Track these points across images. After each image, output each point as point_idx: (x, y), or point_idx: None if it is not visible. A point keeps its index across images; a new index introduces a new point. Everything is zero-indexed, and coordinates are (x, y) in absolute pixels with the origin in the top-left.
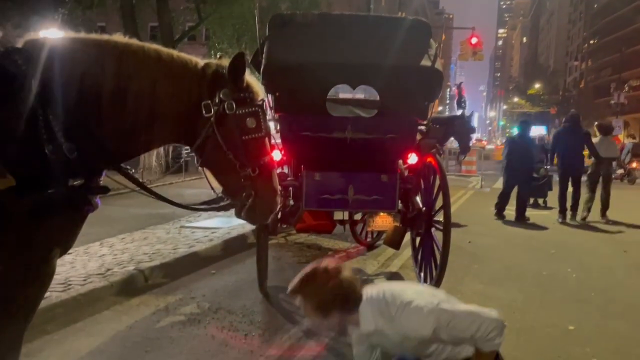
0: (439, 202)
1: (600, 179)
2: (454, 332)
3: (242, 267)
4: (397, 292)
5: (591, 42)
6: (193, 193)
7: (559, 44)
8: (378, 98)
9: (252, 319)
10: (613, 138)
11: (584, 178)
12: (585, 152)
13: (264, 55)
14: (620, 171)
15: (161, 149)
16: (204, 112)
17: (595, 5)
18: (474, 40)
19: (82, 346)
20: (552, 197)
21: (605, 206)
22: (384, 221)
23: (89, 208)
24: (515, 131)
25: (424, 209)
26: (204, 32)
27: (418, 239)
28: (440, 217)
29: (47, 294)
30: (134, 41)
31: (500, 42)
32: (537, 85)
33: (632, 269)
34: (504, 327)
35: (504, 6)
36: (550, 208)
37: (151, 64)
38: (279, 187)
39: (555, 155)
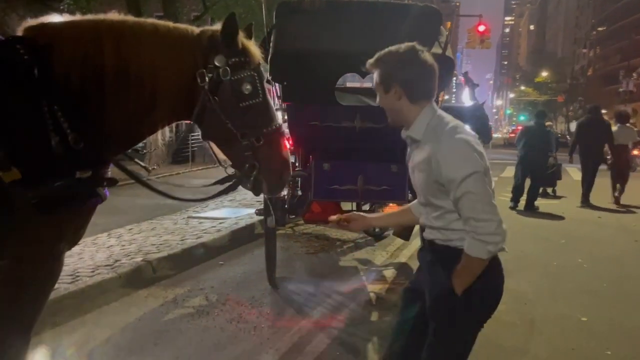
0: None
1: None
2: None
3: (250, 257)
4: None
5: (599, 29)
6: (200, 183)
7: (566, 32)
8: None
9: (261, 310)
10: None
11: (603, 166)
12: None
13: (271, 44)
14: None
15: (166, 129)
16: (199, 81)
17: None
18: (481, 28)
19: (91, 338)
20: (561, 186)
21: (621, 192)
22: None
23: (97, 200)
24: (528, 121)
25: None
26: (210, 22)
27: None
28: None
29: (56, 285)
30: (130, 18)
31: (507, 30)
32: (544, 74)
33: None
34: (501, 242)
35: None
36: (559, 197)
37: (148, 39)
38: (289, 157)
39: (576, 145)
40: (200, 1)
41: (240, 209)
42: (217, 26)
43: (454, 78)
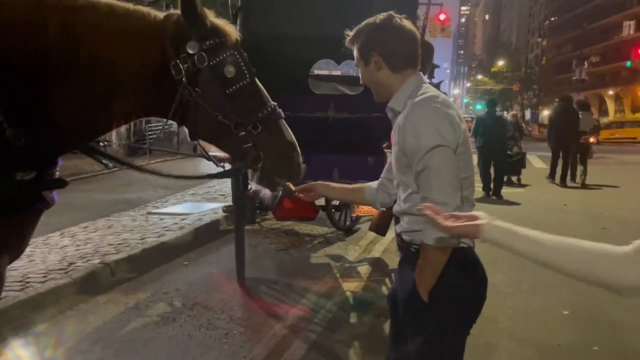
0: None
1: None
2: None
3: (217, 256)
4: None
5: (552, 19)
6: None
7: (520, 21)
8: None
9: (232, 314)
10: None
11: None
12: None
13: (237, 27)
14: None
15: (122, 128)
16: (173, 73)
17: None
18: (442, 17)
19: (44, 352)
20: (524, 174)
21: (585, 173)
22: (369, 206)
23: (43, 205)
24: (480, 109)
25: None
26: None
27: None
28: None
29: (3, 294)
30: None
31: (463, 20)
32: (500, 63)
33: None
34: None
35: None
36: (524, 186)
37: (102, 21)
38: (293, 139)
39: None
40: None
41: (203, 204)
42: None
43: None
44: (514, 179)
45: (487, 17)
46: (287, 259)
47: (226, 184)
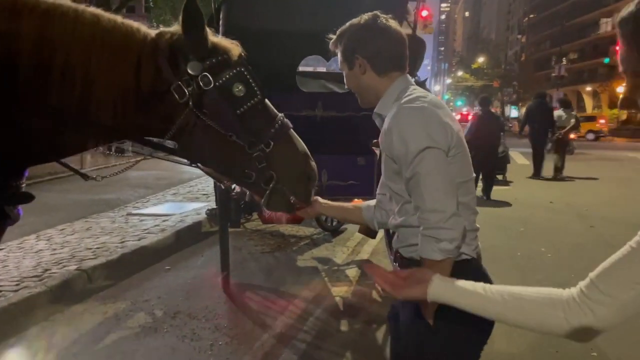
0: None
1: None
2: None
3: (200, 260)
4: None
5: (531, 16)
6: (139, 175)
7: (500, 18)
8: None
9: (217, 323)
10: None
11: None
12: None
13: (220, 22)
14: None
15: None
16: (176, 97)
17: None
18: (424, 13)
19: None
20: (509, 171)
21: (562, 166)
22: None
23: (5, 223)
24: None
25: None
26: (144, 2)
27: None
28: None
29: None
30: (66, 1)
31: (443, 17)
32: (480, 59)
33: (602, 246)
34: (457, 239)
35: None
36: (509, 182)
37: (85, 31)
38: (305, 149)
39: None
40: None
41: (184, 204)
42: (175, 28)
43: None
44: (500, 176)
45: (467, 14)
46: (273, 262)
47: (209, 183)
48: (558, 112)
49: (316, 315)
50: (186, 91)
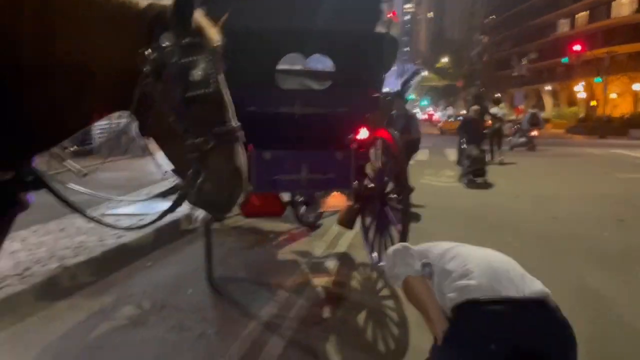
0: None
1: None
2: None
3: (181, 257)
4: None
5: (492, 17)
6: (110, 177)
7: (463, 19)
8: (333, 68)
9: (204, 315)
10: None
11: None
12: None
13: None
14: (522, 139)
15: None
16: (139, 62)
17: None
18: (389, 14)
19: None
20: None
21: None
22: (337, 200)
23: (18, 208)
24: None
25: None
26: None
27: (369, 219)
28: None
29: None
30: None
31: (407, 17)
32: (444, 60)
33: (565, 237)
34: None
35: None
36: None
37: (81, 6)
38: (244, 167)
39: None
40: None
41: (159, 204)
42: (166, 2)
43: None
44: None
45: (430, 14)
46: (254, 256)
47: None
48: (493, 110)
49: (299, 304)
50: (149, 59)
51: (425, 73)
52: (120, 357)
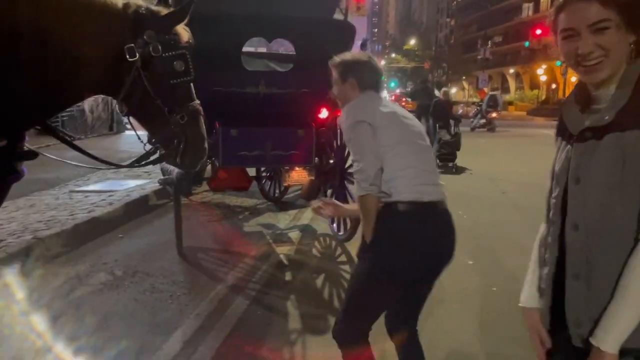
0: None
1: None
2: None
3: (151, 229)
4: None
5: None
6: (77, 155)
7: (430, 1)
8: (295, 52)
9: (174, 279)
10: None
11: None
12: None
13: (170, 4)
14: (482, 121)
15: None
16: (127, 56)
17: None
18: None
19: None
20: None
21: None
22: (299, 175)
23: (14, 176)
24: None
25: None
26: None
27: (330, 191)
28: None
29: None
30: None
31: None
32: (412, 42)
33: (511, 208)
34: (364, 181)
35: None
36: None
37: (69, 4)
38: (205, 134)
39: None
40: None
41: (127, 181)
42: (137, 1)
43: None
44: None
45: None
46: (221, 229)
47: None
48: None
49: (263, 269)
50: (136, 52)
51: (393, 55)
52: (98, 314)
